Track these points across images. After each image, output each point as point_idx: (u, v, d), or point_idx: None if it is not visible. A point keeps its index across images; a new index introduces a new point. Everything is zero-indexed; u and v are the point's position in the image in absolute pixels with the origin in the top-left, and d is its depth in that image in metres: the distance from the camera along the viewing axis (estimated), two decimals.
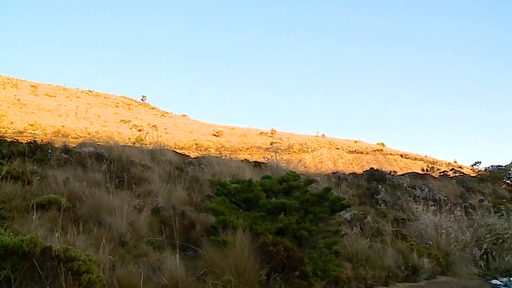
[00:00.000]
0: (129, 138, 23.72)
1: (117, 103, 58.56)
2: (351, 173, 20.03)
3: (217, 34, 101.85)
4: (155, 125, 39.17)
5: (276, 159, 16.52)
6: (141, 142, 19.38)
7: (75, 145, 13.93)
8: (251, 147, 41.14)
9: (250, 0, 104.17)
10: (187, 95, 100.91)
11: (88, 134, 29.60)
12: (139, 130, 35.53)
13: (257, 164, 15.87)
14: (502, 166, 26.13)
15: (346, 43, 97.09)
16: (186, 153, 20.75)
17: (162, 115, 58.33)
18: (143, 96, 67.07)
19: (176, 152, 17.39)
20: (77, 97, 55.06)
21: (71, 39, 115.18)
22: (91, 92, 61.72)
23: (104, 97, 60.57)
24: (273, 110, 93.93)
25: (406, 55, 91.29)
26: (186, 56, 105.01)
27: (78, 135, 29.05)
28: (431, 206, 13.28)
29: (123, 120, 43.49)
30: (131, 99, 64.49)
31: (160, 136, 26.64)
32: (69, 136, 27.79)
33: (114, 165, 10.55)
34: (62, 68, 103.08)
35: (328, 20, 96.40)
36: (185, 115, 62.14)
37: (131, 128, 38.16)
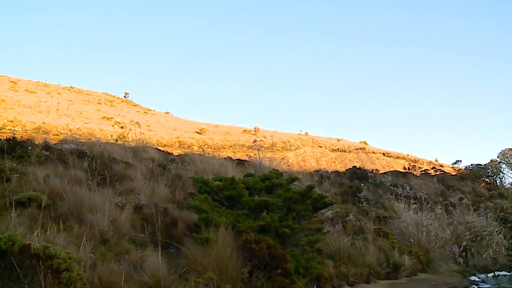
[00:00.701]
0: (111, 135, 23.51)
1: (99, 99, 57.94)
2: (334, 171, 20.16)
3: (201, 32, 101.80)
4: (138, 122, 38.93)
5: (259, 157, 16.54)
6: (124, 139, 19.22)
7: (56, 142, 13.74)
8: (234, 145, 41.09)
9: None
10: (170, 92, 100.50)
11: (70, 131, 29.19)
12: (122, 127, 35.26)
13: (240, 162, 15.87)
14: (482, 165, 26.49)
15: (329, 42, 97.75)
16: (169, 151, 20.66)
17: (145, 112, 57.91)
18: (125, 93, 66.49)
19: (159, 149, 17.31)
20: (58, 94, 54.30)
21: (52, 34, 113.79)
22: (72, 88, 60.91)
23: (86, 94, 59.85)
24: (256, 108, 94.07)
25: (388, 53, 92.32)
26: (169, 54, 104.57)
27: (59, 132, 28.64)
28: (413, 204, 13.42)
29: (105, 117, 43.04)
30: (114, 96, 63.85)
31: (143, 133, 26.45)
32: (50, 133, 27.39)
33: (96, 162, 10.44)
34: (43, 64, 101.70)
35: (308, 17, 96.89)
36: (168, 113, 61.78)
37: (114, 125, 37.82)
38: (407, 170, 26.99)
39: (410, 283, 9.83)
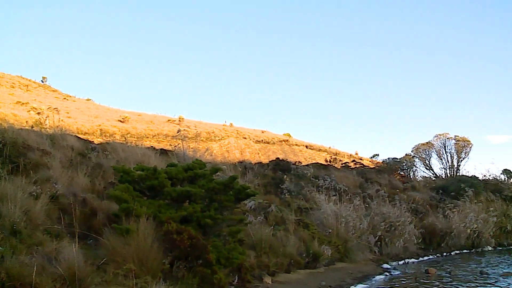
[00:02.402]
0: (26, 121, 22.20)
1: (13, 83, 54.43)
2: (258, 163, 20.39)
3: (124, 17, 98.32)
4: (56, 109, 37.09)
5: (183, 147, 16.38)
6: (40, 126, 18.24)
7: None
8: (158, 135, 40.35)
9: None
10: (92, 78, 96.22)
11: None
12: (38, 113, 33.40)
13: (163, 152, 15.65)
14: (397, 159, 27.99)
15: (253, 33, 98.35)
16: (89, 139, 19.92)
17: (65, 98, 55.25)
18: (43, 78, 62.94)
19: (79, 137, 16.63)
20: None
21: None
22: None
23: None
24: (181, 98, 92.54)
25: (312, 46, 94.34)
26: (91, 38, 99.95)
27: None
28: (333, 196, 13.92)
29: (20, 102, 40.58)
30: (30, 80, 60.23)
31: (62, 120, 25.23)
32: None
33: (8, 149, 9.84)
34: None
35: (234, 7, 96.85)
36: (90, 100, 59.32)
37: (29, 110, 35.74)
38: (328, 163, 27.84)
39: (328, 272, 10.22)
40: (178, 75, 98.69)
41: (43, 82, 62.19)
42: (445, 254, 14.63)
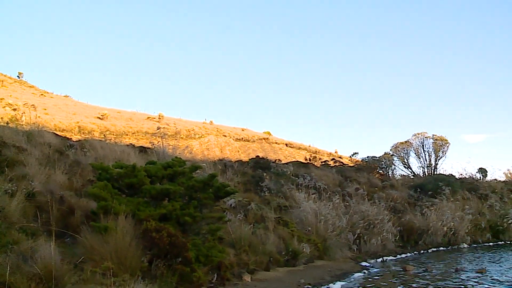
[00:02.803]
0: (1, 118, 21.78)
1: None
2: (237, 161, 20.37)
3: (102, 10, 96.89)
4: (33, 105, 36.47)
5: (162, 145, 16.25)
6: (16, 122, 17.90)
7: None
8: (137, 132, 40.09)
9: None
10: (70, 75, 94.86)
11: None
12: (14, 110, 32.83)
13: (142, 149, 15.51)
14: (377, 157, 28.23)
15: (234, 32, 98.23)
16: (67, 136, 19.67)
17: (42, 94, 54.39)
18: (19, 73, 61.81)
19: (57, 134, 16.40)
20: None
21: None
22: None
23: None
24: (161, 95, 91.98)
25: (291, 44, 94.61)
26: (68, 34, 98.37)
27: None
28: (312, 194, 13.98)
29: None
30: (5, 76, 59.10)
31: (39, 116, 24.85)
32: None
33: None
34: None
35: (215, 6, 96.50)
36: (68, 96, 58.53)
37: (5, 106, 35.11)
38: (308, 161, 27.88)
39: (308, 269, 10.28)
40: (158, 72, 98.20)
41: (19, 78, 61.06)
42: (422, 251, 14.86)
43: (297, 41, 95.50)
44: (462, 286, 9.17)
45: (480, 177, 26.05)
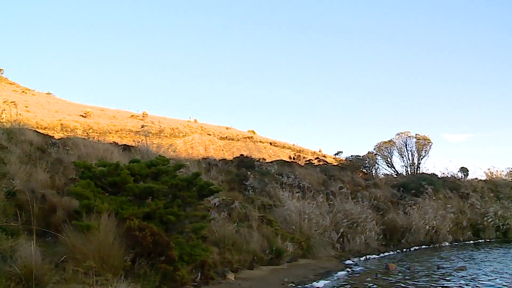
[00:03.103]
0: None
1: None
2: (222, 159, 20.35)
3: (85, 6, 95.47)
4: (14, 102, 35.97)
5: (146, 143, 16.15)
6: None
7: None
8: (121, 130, 39.82)
9: None
10: (52, 72, 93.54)
11: None
12: None
13: (126, 148, 15.42)
14: (360, 156, 28.40)
15: (220, 30, 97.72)
16: (49, 134, 19.45)
17: (23, 91, 53.62)
18: None
19: (38, 132, 16.19)
20: None
21: None
22: None
23: None
24: (144, 93, 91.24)
25: (273, 42, 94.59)
26: (50, 30, 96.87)
27: None
28: (296, 192, 14.02)
29: None
30: None
31: (20, 114, 24.49)
32: None
33: None
34: None
35: (198, 2, 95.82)
36: (50, 93, 57.82)
37: None
38: (292, 160, 27.93)
39: (291, 268, 10.31)
40: (142, 70, 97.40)
41: None
42: (405, 250, 14.99)
43: (281, 40, 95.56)
44: (443, 283, 9.30)
45: (461, 176, 26.38)
